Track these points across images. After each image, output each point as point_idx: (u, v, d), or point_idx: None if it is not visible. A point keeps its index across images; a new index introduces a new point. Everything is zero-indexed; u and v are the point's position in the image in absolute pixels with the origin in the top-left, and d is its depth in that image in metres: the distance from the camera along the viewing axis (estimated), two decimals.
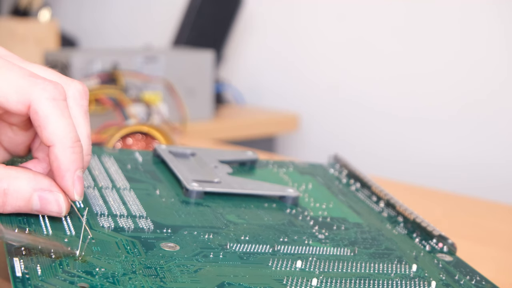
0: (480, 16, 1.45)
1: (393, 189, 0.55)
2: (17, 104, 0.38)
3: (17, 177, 0.37)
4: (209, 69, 1.39)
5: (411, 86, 1.55)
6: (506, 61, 1.42)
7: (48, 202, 0.38)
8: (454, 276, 0.41)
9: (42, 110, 0.37)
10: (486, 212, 0.75)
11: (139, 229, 0.40)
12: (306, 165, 0.59)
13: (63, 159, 0.38)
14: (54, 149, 0.38)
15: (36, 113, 0.38)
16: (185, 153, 0.53)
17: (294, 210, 0.48)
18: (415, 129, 1.55)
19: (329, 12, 1.66)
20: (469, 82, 1.47)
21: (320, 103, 1.69)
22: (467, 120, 1.47)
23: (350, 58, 1.64)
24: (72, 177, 0.38)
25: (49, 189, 0.38)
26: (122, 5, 2.05)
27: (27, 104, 0.38)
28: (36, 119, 0.38)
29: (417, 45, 1.54)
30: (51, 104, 0.38)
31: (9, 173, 0.37)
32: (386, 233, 0.47)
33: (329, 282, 0.38)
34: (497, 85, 1.43)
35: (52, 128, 0.38)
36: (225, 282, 0.35)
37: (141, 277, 0.34)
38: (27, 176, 0.38)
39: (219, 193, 0.47)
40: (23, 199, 0.37)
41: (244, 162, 0.56)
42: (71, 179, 0.38)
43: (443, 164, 1.50)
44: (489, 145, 1.44)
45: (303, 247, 0.41)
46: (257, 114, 1.65)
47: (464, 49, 1.47)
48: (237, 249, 0.40)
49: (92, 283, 0.33)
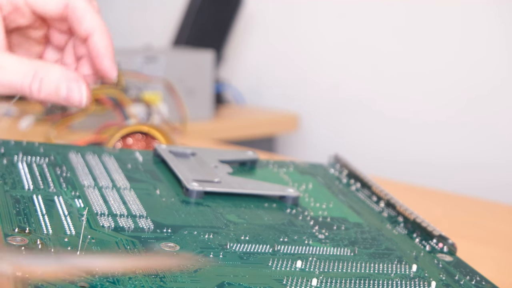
0: (480, 16, 1.45)
1: (393, 189, 0.55)
2: (56, 4, 0.47)
3: (52, 67, 0.45)
4: (209, 69, 1.39)
5: (411, 86, 1.55)
6: (506, 61, 1.42)
7: (73, 91, 0.45)
8: (454, 276, 0.41)
9: (80, 6, 0.47)
10: (486, 212, 0.75)
11: (139, 229, 0.40)
12: (307, 165, 0.59)
13: (102, 44, 0.46)
14: (94, 37, 0.46)
15: (75, 9, 0.47)
16: (185, 153, 0.53)
17: (294, 210, 0.48)
18: (415, 129, 1.55)
19: (329, 12, 1.66)
20: (469, 82, 1.47)
21: (320, 103, 1.69)
22: (467, 120, 1.47)
23: (350, 58, 1.64)
24: (111, 60, 0.46)
25: (76, 79, 0.45)
26: (122, 5, 2.05)
27: (65, 3, 0.47)
28: (75, 14, 0.47)
29: (417, 45, 1.54)
30: (85, 1, 0.47)
31: (45, 64, 0.45)
32: (386, 233, 0.47)
33: (329, 282, 0.38)
34: (497, 85, 1.43)
35: (90, 19, 0.46)
36: (225, 282, 0.35)
37: (140, 277, 0.34)
38: (59, 68, 0.45)
39: (219, 193, 0.47)
40: (55, 87, 0.44)
41: (244, 162, 0.56)
42: (110, 62, 0.46)
43: (443, 164, 1.50)
44: (489, 145, 1.44)
45: (303, 247, 0.41)
46: (257, 114, 1.65)
47: (464, 49, 1.47)
48: (237, 249, 0.40)
49: (92, 282, 0.33)
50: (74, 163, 0.48)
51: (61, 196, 0.42)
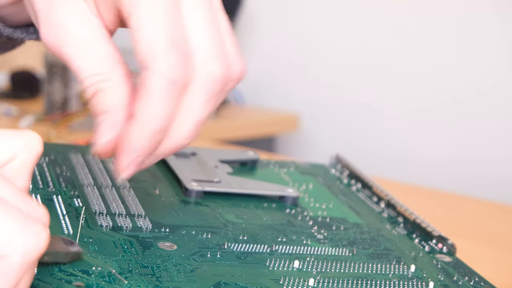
0: (479, 15, 1.44)
1: (393, 189, 0.55)
2: None
3: None
4: None
5: (411, 86, 1.55)
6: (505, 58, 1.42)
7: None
8: (453, 277, 0.41)
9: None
10: (486, 212, 0.75)
11: (137, 228, 0.40)
12: (307, 165, 0.59)
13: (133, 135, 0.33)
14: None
15: None
16: (185, 153, 0.53)
17: (294, 210, 0.47)
18: (415, 128, 1.55)
19: (329, 12, 1.66)
20: (469, 80, 1.47)
21: (320, 103, 1.69)
22: (469, 118, 1.47)
23: (350, 58, 1.64)
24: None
25: None
26: None
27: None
28: None
29: (417, 46, 1.54)
30: None
31: None
32: (385, 233, 0.47)
33: (326, 282, 0.38)
34: (498, 82, 1.43)
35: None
36: (221, 282, 0.35)
37: (137, 276, 0.34)
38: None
39: (218, 192, 0.47)
40: None
41: (245, 162, 0.56)
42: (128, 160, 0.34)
43: (443, 164, 1.50)
44: (489, 145, 1.44)
45: (301, 247, 0.41)
46: (257, 114, 1.65)
47: (463, 49, 1.47)
48: (234, 249, 0.39)
49: (88, 282, 0.33)
50: (74, 163, 0.48)
51: (60, 195, 0.42)
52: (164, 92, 0.32)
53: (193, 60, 0.33)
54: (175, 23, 0.32)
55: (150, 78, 0.32)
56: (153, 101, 0.32)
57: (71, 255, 0.34)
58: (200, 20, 0.33)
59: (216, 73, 0.33)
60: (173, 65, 0.31)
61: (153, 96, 0.32)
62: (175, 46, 0.32)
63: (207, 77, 0.33)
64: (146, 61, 0.32)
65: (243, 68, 0.35)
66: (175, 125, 0.33)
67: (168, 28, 0.32)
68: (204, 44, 0.33)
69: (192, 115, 0.33)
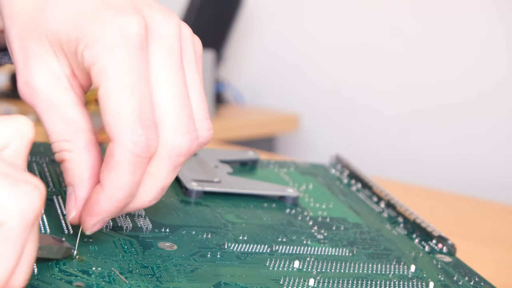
0: (479, 15, 1.44)
1: (393, 189, 0.55)
2: None
3: None
4: (209, 69, 1.39)
5: (412, 86, 1.55)
6: (505, 58, 1.42)
7: None
8: (453, 277, 0.41)
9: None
10: (486, 212, 0.75)
11: (137, 228, 0.40)
12: (308, 165, 0.59)
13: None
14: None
15: None
16: None
17: (294, 210, 0.47)
18: (415, 128, 1.55)
19: (329, 12, 1.66)
20: (469, 81, 1.47)
21: (321, 103, 1.69)
22: (469, 118, 1.47)
23: (350, 58, 1.64)
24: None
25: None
26: None
27: None
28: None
29: (417, 46, 1.53)
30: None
31: None
32: (385, 233, 0.47)
33: (326, 282, 0.38)
34: (498, 82, 1.43)
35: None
36: (221, 282, 0.35)
37: (137, 276, 0.34)
38: None
39: (218, 192, 0.47)
40: None
41: (245, 162, 0.56)
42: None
43: (443, 164, 1.50)
44: (489, 145, 1.44)
45: (301, 247, 0.41)
46: (257, 114, 1.65)
47: (463, 49, 1.47)
48: (234, 249, 0.39)
49: (88, 282, 0.33)
50: None
51: (60, 195, 0.42)
52: (130, 165, 0.33)
53: (160, 131, 0.33)
54: (143, 95, 0.33)
55: (117, 150, 0.32)
56: (119, 173, 0.33)
57: (64, 250, 0.34)
58: (169, 91, 0.34)
59: (181, 147, 0.34)
60: (138, 141, 0.32)
61: (119, 169, 0.33)
62: (142, 120, 0.32)
63: (172, 150, 0.34)
64: (113, 133, 0.32)
65: (209, 134, 0.36)
66: (141, 189, 0.34)
67: (135, 101, 0.32)
68: (171, 117, 0.34)
69: (157, 182, 0.34)
